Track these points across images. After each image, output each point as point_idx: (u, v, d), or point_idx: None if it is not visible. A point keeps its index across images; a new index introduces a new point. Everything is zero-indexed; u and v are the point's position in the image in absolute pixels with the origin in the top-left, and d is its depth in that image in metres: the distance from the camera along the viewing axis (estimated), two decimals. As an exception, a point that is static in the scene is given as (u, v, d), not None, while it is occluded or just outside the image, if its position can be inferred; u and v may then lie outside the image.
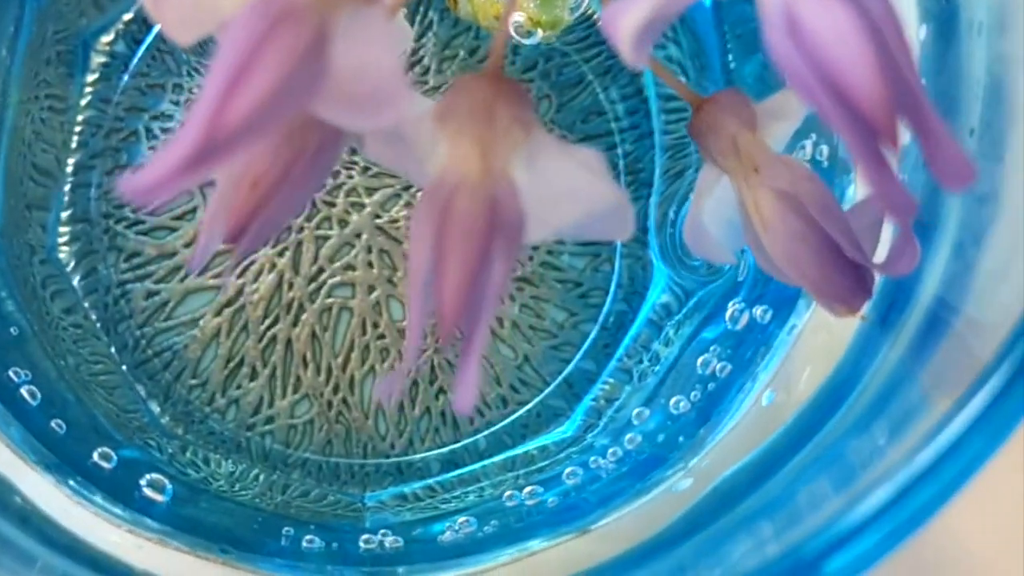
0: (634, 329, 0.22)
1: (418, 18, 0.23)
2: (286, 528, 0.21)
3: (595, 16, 0.23)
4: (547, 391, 0.23)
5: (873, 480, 0.12)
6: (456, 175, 0.10)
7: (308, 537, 0.21)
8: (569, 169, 0.11)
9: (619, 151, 0.23)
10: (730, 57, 0.21)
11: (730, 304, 0.21)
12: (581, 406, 0.22)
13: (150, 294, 0.23)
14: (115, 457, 0.21)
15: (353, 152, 0.23)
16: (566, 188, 0.11)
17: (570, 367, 0.23)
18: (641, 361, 0.22)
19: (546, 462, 0.22)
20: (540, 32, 0.22)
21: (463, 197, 0.10)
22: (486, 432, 0.23)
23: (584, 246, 0.23)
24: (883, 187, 0.10)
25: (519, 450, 0.23)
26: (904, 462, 0.12)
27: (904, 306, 0.15)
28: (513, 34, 0.22)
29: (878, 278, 0.13)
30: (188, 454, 0.22)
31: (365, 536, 0.21)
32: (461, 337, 0.10)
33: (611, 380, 0.22)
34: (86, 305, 0.22)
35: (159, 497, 0.21)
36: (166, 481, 0.21)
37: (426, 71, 0.23)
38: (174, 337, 0.23)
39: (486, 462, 0.23)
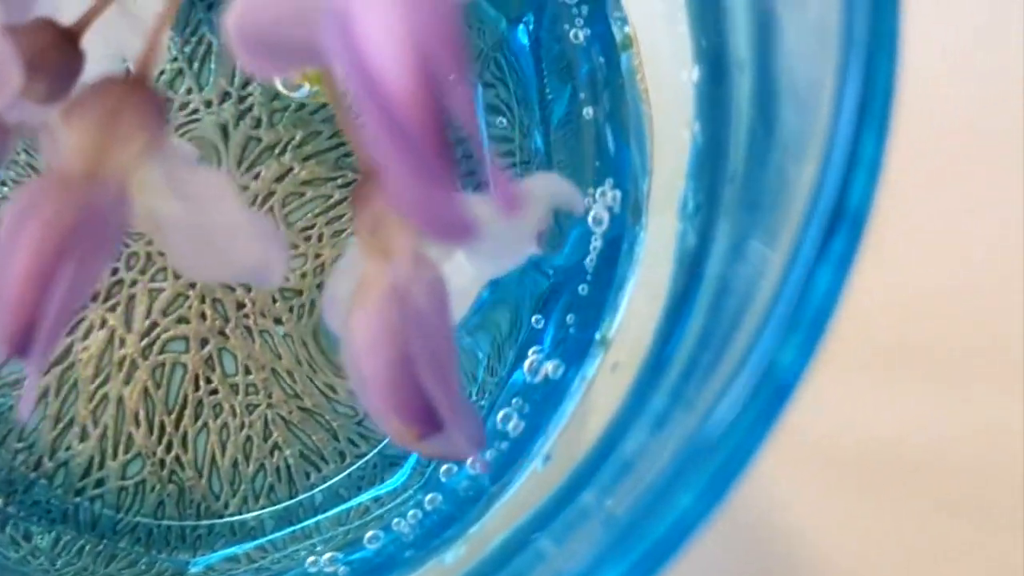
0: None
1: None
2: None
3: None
4: (384, 442, 0.22)
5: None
6: (62, 170, 0.10)
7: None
8: (212, 197, 0.10)
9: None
10: (547, 91, 0.21)
11: (531, 351, 0.20)
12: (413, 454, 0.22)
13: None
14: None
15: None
16: (215, 222, 0.10)
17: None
18: (470, 395, 0.21)
19: (380, 511, 0.21)
20: (307, 86, 0.21)
21: (58, 191, 0.09)
22: (322, 487, 0.22)
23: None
24: (422, 203, 0.09)
25: (353, 502, 0.22)
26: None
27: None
28: (280, 87, 0.22)
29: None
30: (8, 530, 0.21)
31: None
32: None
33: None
34: None
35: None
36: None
37: (257, 123, 0.22)
38: (-3, 399, 0.22)
39: (320, 517, 0.22)
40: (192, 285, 0.22)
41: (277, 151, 0.22)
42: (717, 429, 0.12)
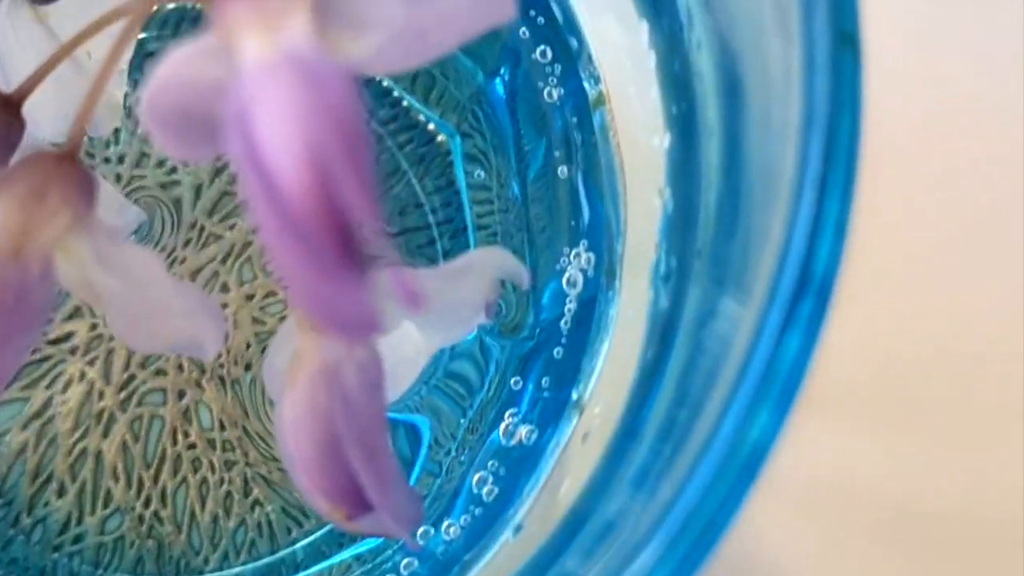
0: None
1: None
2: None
3: (404, 101, 0.22)
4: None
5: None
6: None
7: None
8: (142, 273, 0.10)
9: (438, 247, 0.22)
10: (524, 143, 0.21)
11: (507, 414, 0.20)
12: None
13: (-50, 411, 0.22)
14: None
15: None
16: (149, 296, 0.10)
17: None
18: (449, 452, 0.21)
19: (361, 570, 0.21)
20: None
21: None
22: (304, 542, 0.22)
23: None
24: (320, 301, 0.09)
25: (335, 559, 0.21)
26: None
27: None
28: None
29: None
30: (-15, 588, 0.21)
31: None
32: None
33: (424, 473, 0.21)
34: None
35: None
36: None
37: (233, 180, 0.22)
38: (-26, 456, 0.22)
39: (301, 574, 0.21)
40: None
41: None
42: (694, 495, 0.12)
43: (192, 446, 0.22)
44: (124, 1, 0.11)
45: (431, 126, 0.22)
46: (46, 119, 0.14)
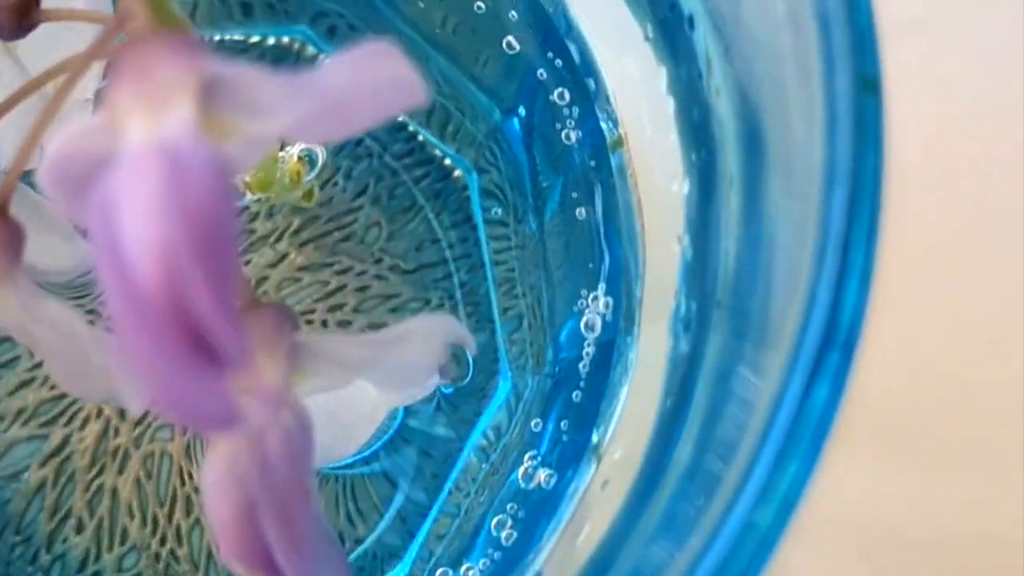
0: (462, 459, 0.21)
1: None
2: None
3: (419, 136, 0.22)
4: (381, 530, 0.21)
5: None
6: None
7: None
8: (65, 327, 0.10)
9: (455, 280, 0.22)
10: (541, 179, 0.21)
11: (527, 457, 0.20)
12: (415, 543, 0.21)
13: (-31, 449, 0.22)
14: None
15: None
16: (76, 346, 0.10)
17: (401, 498, 0.21)
18: (468, 494, 0.21)
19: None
20: (249, 194, 0.21)
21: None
22: (320, 580, 0.21)
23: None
24: (174, 397, 0.09)
25: (352, 597, 0.21)
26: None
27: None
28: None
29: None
30: (5, 624, 0.21)
31: None
32: None
33: (442, 514, 0.21)
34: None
35: None
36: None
37: (255, 216, 0.22)
38: (-8, 493, 0.22)
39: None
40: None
41: (272, 239, 0.22)
42: (725, 546, 0.12)
43: (198, 489, 0.22)
44: (93, 47, 0.11)
45: (447, 161, 0.22)
46: (9, 148, 0.14)
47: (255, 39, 0.23)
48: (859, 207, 0.11)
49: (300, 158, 0.21)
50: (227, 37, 0.23)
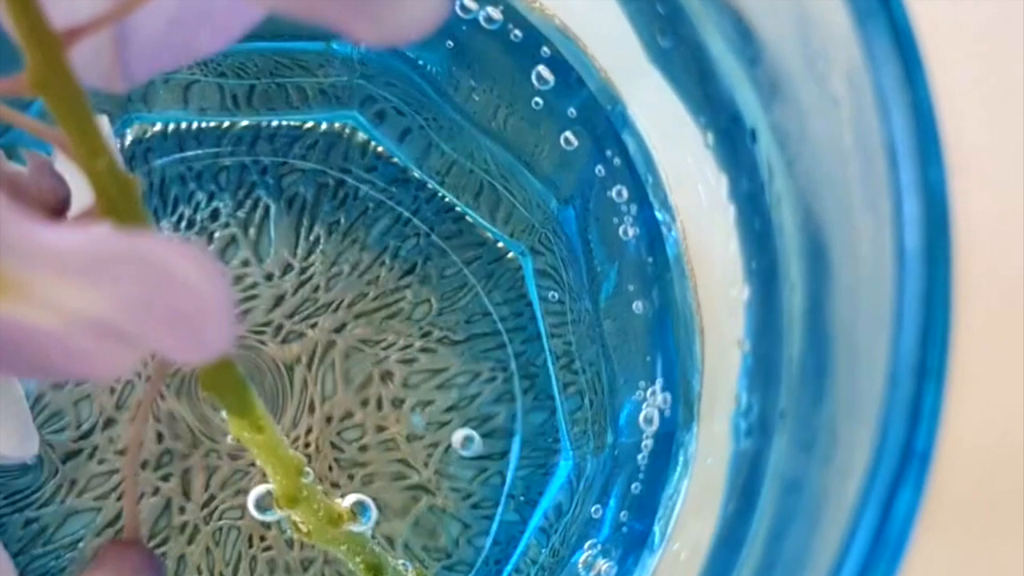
0: (524, 541, 0.22)
1: (303, 231, 0.23)
2: None
3: (467, 217, 0.23)
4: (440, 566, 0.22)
5: None
6: None
7: None
8: None
9: (509, 351, 0.22)
10: (596, 264, 0.21)
11: (587, 544, 0.20)
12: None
13: (28, 522, 0.22)
14: None
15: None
16: None
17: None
18: (528, 576, 0.21)
19: None
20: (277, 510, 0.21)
21: None
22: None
23: (476, 459, 0.22)
24: None
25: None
26: None
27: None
28: (252, 510, 0.21)
29: None
30: None
31: None
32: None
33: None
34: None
35: None
36: None
37: (316, 288, 0.23)
38: (51, 561, 0.22)
39: None
40: (252, 464, 0.22)
41: (333, 308, 0.23)
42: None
43: (268, 548, 0.22)
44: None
45: (500, 244, 0.23)
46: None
47: (309, 124, 0.23)
48: (931, 343, 0.12)
49: (352, 508, 0.20)
50: (283, 123, 0.23)
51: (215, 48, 0.11)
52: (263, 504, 0.21)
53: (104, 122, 0.12)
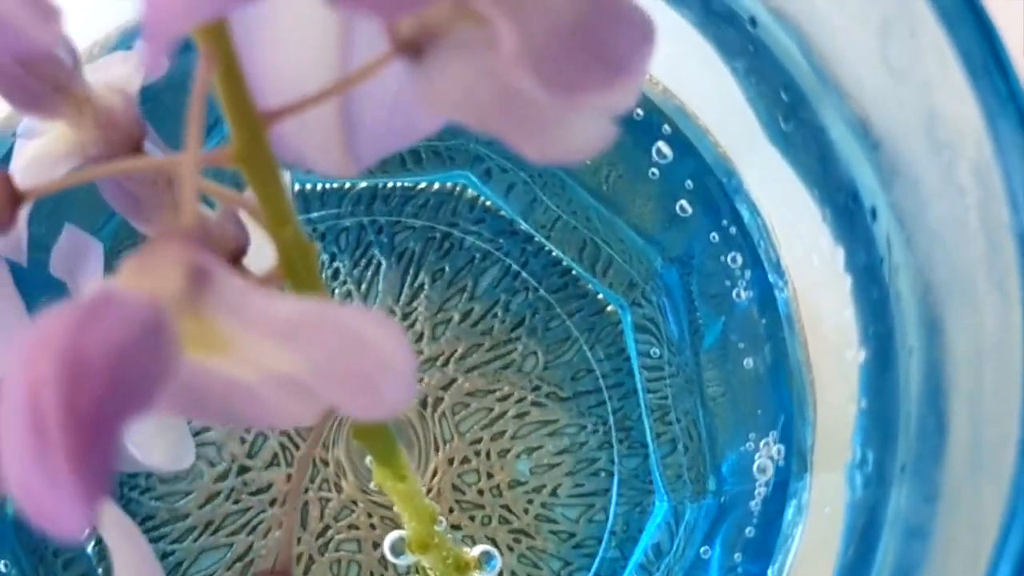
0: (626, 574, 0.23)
1: (408, 279, 0.24)
2: None
3: (572, 271, 0.24)
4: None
5: None
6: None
7: None
8: None
9: (608, 408, 0.24)
10: (698, 315, 0.22)
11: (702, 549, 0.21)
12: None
13: (165, 555, 0.24)
14: None
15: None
16: None
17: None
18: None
19: None
20: (410, 555, 0.22)
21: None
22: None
23: (578, 496, 0.23)
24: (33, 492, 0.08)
25: None
26: None
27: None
28: (388, 552, 0.23)
29: None
30: None
31: None
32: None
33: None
34: (100, 572, 0.23)
35: None
36: None
37: (419, 337, 0.24)
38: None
39: None
40: (354, 501, 0.23)
41: (439, 362, 0.24)
42: None
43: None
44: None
45: (600, 296, 0.24)
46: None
47: (422, 184, 0.25)
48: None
49: (479, 557, 0.22)
50: (398, 184, 0.25)
51: (432, 128, 0.13)
52: (397, 548, 0.23)
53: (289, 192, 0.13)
